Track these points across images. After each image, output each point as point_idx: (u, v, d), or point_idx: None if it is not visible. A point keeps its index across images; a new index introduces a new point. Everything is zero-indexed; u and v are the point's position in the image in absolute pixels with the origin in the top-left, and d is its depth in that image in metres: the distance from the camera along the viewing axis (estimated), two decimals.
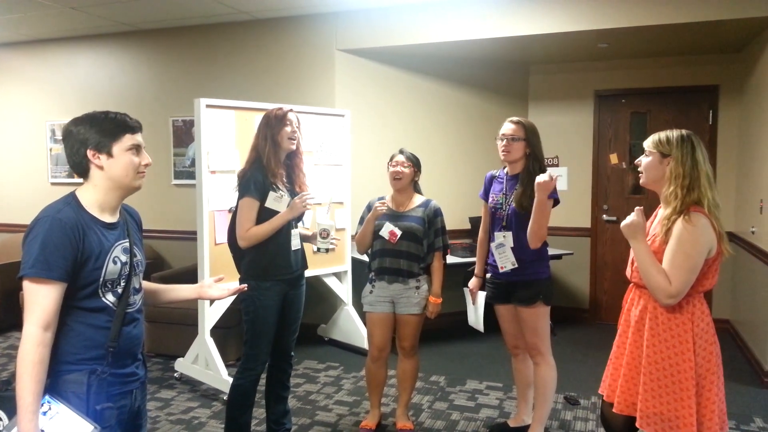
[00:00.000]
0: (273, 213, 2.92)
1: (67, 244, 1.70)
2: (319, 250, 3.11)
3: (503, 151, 3.04)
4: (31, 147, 6.05)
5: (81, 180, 1.85)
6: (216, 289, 2.16)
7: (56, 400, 1.69)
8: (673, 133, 2.20)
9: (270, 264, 2.96)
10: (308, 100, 4.92)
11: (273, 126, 2.96)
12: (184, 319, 4.51)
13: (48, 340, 1.66)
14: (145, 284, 2.04)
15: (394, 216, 3.22)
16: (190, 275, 4.46)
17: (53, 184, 5.97)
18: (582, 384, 4.08)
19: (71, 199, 1.80)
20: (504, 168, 3.16)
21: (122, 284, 1.84)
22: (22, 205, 5.99)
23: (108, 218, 1.85)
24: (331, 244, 3.08)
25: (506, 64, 5.62)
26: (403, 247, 3.20)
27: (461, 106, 5.49)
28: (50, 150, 5.96)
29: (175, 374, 4.27)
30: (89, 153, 1.79)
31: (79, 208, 1.79)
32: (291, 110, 3.03)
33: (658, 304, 2.15)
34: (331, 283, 4.69)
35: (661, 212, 2.24)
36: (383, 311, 3.25)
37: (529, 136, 3.00)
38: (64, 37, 5.83)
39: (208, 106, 3.89)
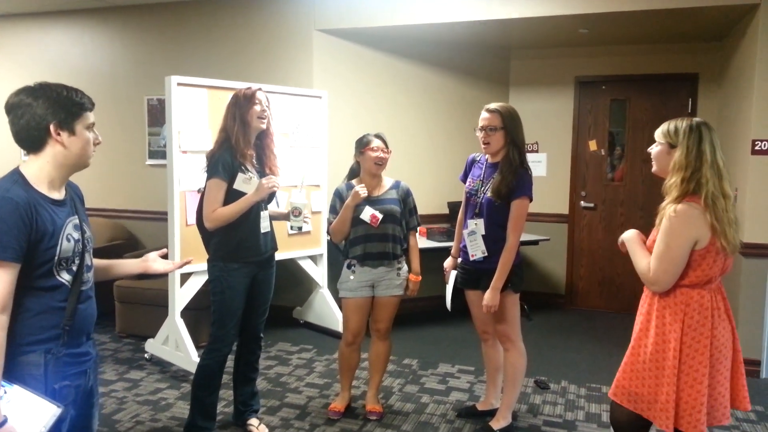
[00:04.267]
0: (241, 195, 2.86)
1: (20, 224, 1.64)
2: (291, 228, 3.11)
3: (483, 143, 2.97)
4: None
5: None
6: (160, 263, 2.10)
7: (10, 383, 1.64)
8: (683, 123, 2.13)
9: (238, 246, 2.92)
10: (285, 81, 4.84)
11: (242, 105, 2.90)
12: (156, 299, 4.45)
13: (4, 323, 1.62)
14: (93, 261, 2.00)
15: (369, 201, 3.18)
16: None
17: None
18: (554, 369, 4.10)
19: (18, 177, 1.73)
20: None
21: (77, 262, 1.79)
22: None
23: (56, 195, 1.79)
24: (304, 222, 3.04)
25: (487, 49, 5.57)
26: (388, 230, 3.18)
27: (441, 90, 5.44)
28: None
29: (146, 355, 4.23)
30: (52, 128, 1.72)
31: (28, 186, 1.72)
32: (260, 89, 2.97)
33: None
34: (307, 266, 4.65)
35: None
36: (363, 296, 3.22)
37: (508, 123, 2.93)
38: (35, 12, 5.67)
39: (179, 84, 3.80)
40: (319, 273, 4.73)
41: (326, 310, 4.73)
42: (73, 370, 1.79)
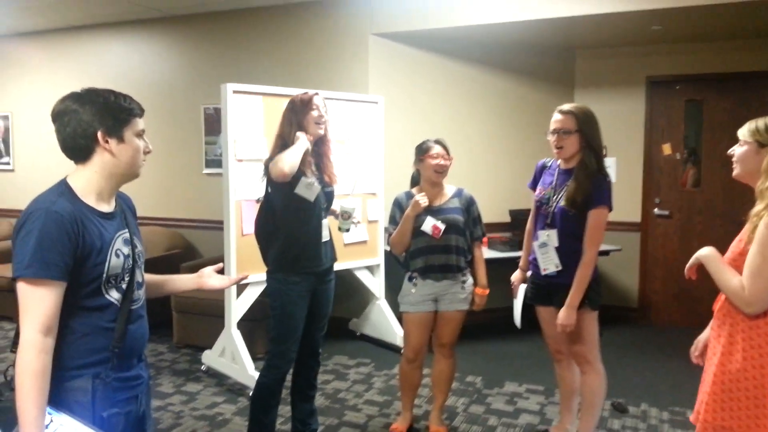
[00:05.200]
0: (302, 200, 2.75)
1: (65, 240, 1.53)
2: (339, 229, 3.05)
3: (555, 147, 2.73)
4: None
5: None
6: (215, 278, 1.98)
7: (58, 411, 1.52)
8: None
9: (299, 256, 2.80)
10: (340, 86, 4.73)
11: (298, 111, 2.80)
12: (213, 310, 4.39)
13: (49, 346, 1.50)
14: (145, 276, 1.89)
15: (430, 211, 3.00)
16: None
17: None
18: (631, 390, 3.80)
19: (64, 189, 1.63)
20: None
21: (126, 279, 1.68)
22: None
23: (105, 207, 1.68)
24: (353, 224, 3.03)
25: (550, 49, 5.31)
26: (451, 242, 2.98)
27: (501, 94, 5.21)
28: None
29: (202, 367, 4.16)
30: (100, 135, 1.62)
31: (74, 198, 1.62)
32: (317, 94, 2.86)
33: (740, 310, 1.88)
34: (363, 276, 4.50)
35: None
36: (425, 311, 3.03)
37: (583, 126, 2.70)
38: (96, 24, 5.76)
39: (235, 92, 3.74)
40: (376, 284, 4.57)
41: (384, 322, 4.57)
42: (123, 395, 1.67)
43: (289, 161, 2.65)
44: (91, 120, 1.62)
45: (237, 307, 3.90)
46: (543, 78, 5.33)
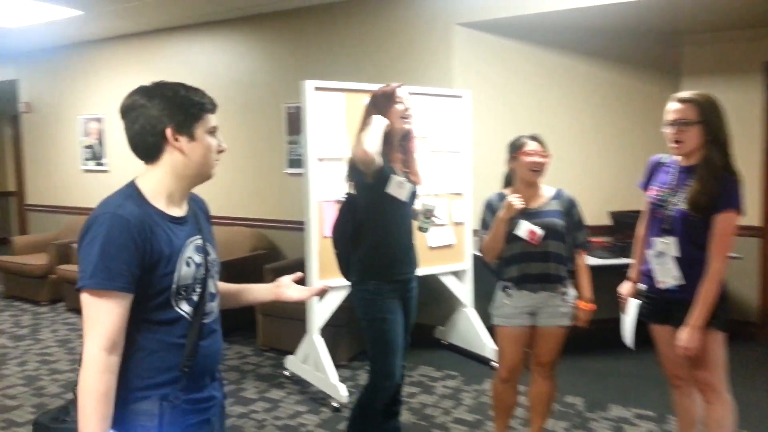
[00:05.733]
0: (392, 200, 2.59)
1: (131, 247, 1.40)
2: (420, 229, 2.88)
3: (673, 141, 2.37)
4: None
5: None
6: (294, 289, 1.81)
7: None
8: None
9: (392, 261, 2.64)
10: (424, 80, 4.50)
11: (381, 105, 2.62)
12: (297, 313, 4.26)
13: (114, 364, 1.39)
14: (220, 285, 1.74)
15: (526, 214, 2.72)
16: (302, 267, 4.24)
17: None
18: (761, 419, 3.34)
19: (132, 191, 1.51)
20: None
21: (197, 290, 1.54)
22: None
23: (176, 211, 1.55)
24: (433, 223, 2.88)
25: (654, 34, 4.84)
26: (550, 248, 2.69)
27: (599, 84, 4.80)
28: None
29: (286, 372, 4.07)
30: (169, 132, 1.49)
31: (143, 201, 1.49)
32: (400, 86, 2.67)
33: None
34: (450, 282, 4.26)
35: None
36: (521, 325, 2.74)
37: (707, 116, 2.32)
38: (182, 25, 5.84)
39: (316, 88, 3.60)
40: (463, 291, 4.31)
41: (472, 332, 4.30)
42: (194, 419, 1.52)
43: (369, 140, 2.50)
44: (160, 116, 1.49)
45: (319, 313, 3.77)
46: (647, 66, 4.87)
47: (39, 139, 7.35)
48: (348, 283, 2.78)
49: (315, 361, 3.78)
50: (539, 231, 2.66)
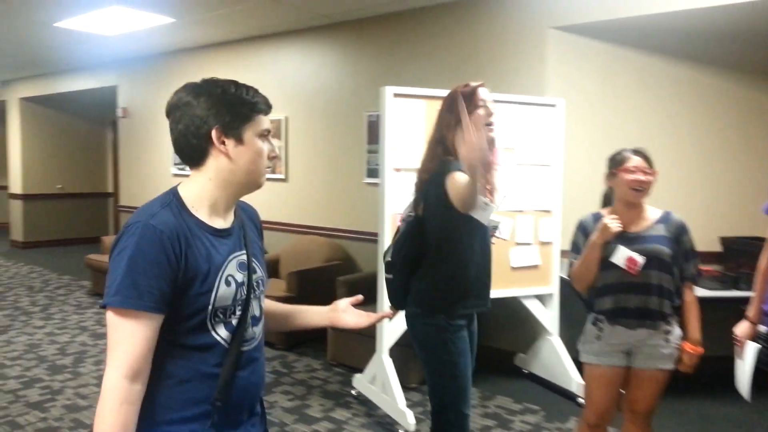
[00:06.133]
0: (473, 223, 2.20)
1: (162, 261, 1.24)
2: None
3: None
4: None
5: (280, 176, 1.39)
6: (351, 315, 1.60)
7: None
8: None
9: (467, 293, 2.27)
10: (513, 88, 4.20)
11: (462, 103, 2.26)
12: (368, 330, 4.06)
13: (136, 394, 1.22)
14: (267, 305, 1.56)
15: (625, 238, 2.37)
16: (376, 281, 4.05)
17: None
18: None
19: (171, 198, 1.34)
20: None
21: (238, 313, 1.36)
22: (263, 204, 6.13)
23: (219, 223, 1.37)
24: (495, 237, 2.51)
25: None
26: (652, 279, 2.33)
27: (707, 94, 4.30)
28: None
29: (353, 391, 3.88)
30: (214, 134, 1.32)
31: (182, 210, 1.32)
32: (482, 85, 2.33)
33: None
34: (533, 306, 3.91)
35: None
36: (614, 365, 2.40)
37: None
38: (267, 34, 5.85)
39: (396, 95, 3.40)
40: (548, 317, 3.95)
41: (557, 363, 3.92)
42: None
43: (476, 196, 2.11)
44: (206, 115, 1.32)
45: (389, 332, 3.56)
46: (764, 74, 4.32)
47: (133, 143, 7.63)
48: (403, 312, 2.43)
49: (383, 382, 3.56)
50: (640, 259, 2.31)
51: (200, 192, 1.36)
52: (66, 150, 9.83)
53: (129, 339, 1.22)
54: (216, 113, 1.32)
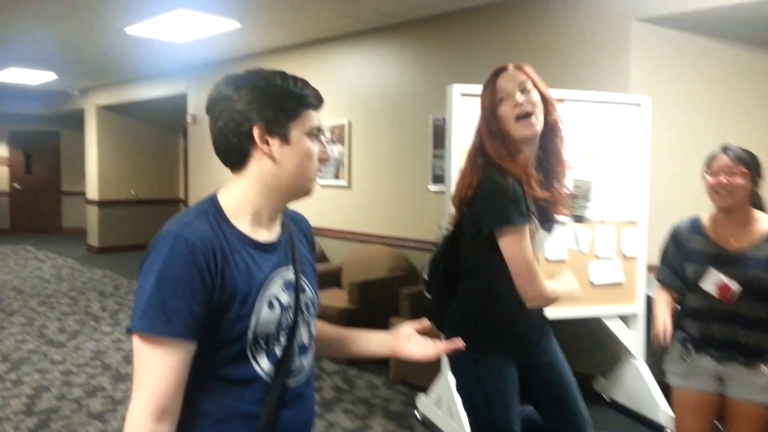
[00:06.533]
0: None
1: (195, 280, 1.06)
2: (575, 218, 2.31)
3: None
4: None
5: (343, 182, 1.20)
6: (415, 344, 1.37)
7: None
8: None
9: (505, 328, 1.91)
10: (593, 85, 3.85)
11: (483, 105, 1.88)
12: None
13: None
14: (320, 328, 1.36)
15: (719, 257, 2.03)
16: None
17: (321, 186, 5.89)
18: None
19: (209, 206, 1.17)
20: None
21: (283, 341, 1.17)
22: (294, 207, 6.04)
23: (263, 235, 1.19)
24: (585, 207, 2.31)
25: None
26: (748, 311, 1.99)
27: None
28: None
29: (416, 413, 3.64)
30: (256, 132, 1.14)
31: (220, 220, 1.14)
32: (505, 69, 1.88)
33: None
34: (616, 327, 3.54)
35: None
36: (704, 390, 2.09)
37: None
38: (330, 37, 5.72)
39: (463, 94, 3.16)
40: (632, 339, 3.56)
41: (642, 389, 3.53)
42: None
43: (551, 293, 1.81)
44: (247, 111, 1.14)
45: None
46: None
47: (201, 149, 7.70)
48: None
49: (449, 405, 3.30)
50: (734, 287, 1.97)
51: (241, 199, 1.18)
52: (139, 157, 10.11)
53: (156, 370, 1.05)
54: (258, 108, 1.14)
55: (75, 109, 10.22)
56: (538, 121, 1.81)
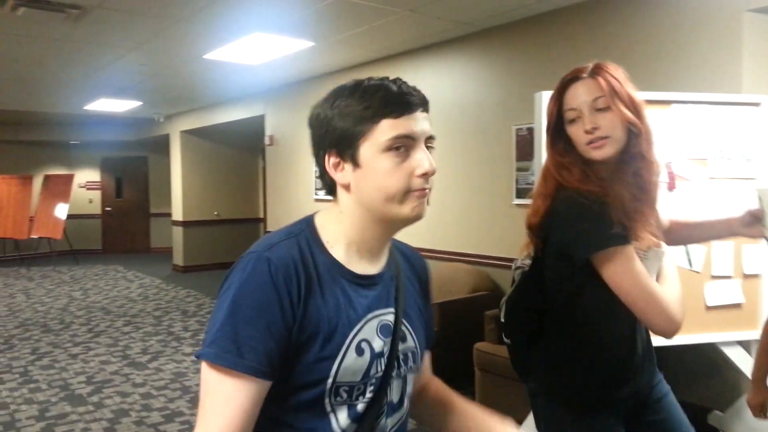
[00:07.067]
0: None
1: (274, 309, 0.92)
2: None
3: None
4: None
5: None
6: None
7: None
8: None
9: (605, 380, 1.58)
10: (699, 85, 3.48)
11: (550, 119, 1.63)
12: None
13: None
14: (432, 388, 1.21)
15: None
16: None
17: None
18: None
19: (303, 227, 1.03)
20: None
21: (369, 394, 0.99)
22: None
23: (363, 267, 1.03)
24: None
25: None
26: None
27: None
28: None
29: None
30: (328, 160, 1.00)
31: (313, 245, 1.00)
32: (578, 77, 1.60)
33: None
34: (735, 355, 3.11)
35: None
36: None
37: None
38: (405, 51, 5.58)
39: None
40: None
41: (766, 426, 3.10)
42: None
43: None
44: (321, 135, 1.00)
45: None
46: None
47: (279, 170, 7.74)
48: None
49: None
50: None
51: (335, 226, 1.03)
52: (221, 178, 10.36)
53: (222, 406, 0.91)
54: (327, 131, 0.99)
55: (161, 134, 10.63)
56: (615, 142, 1.51)
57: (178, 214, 10.26)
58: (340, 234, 1.03)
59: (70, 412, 3.96)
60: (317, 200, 6.88)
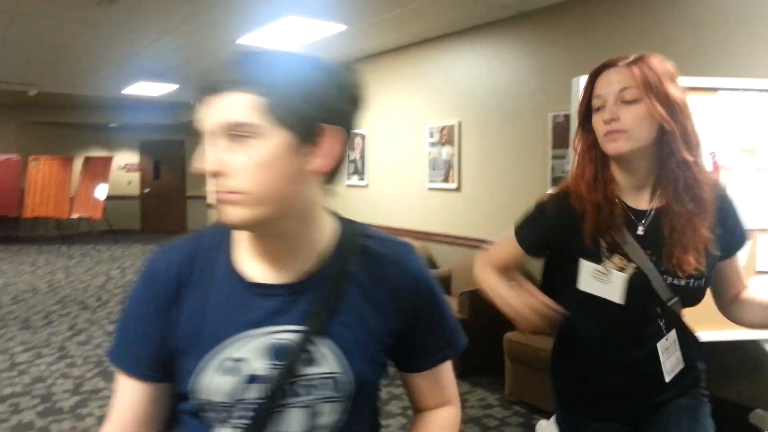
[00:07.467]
0: (590, 298, 1.49)
1: (149, 312, 0.93)
2: None
3: None
4: (413, 151, 5.90)
5: (452, 185, 1.01)
6: None
7: None
8: None
9: (587, 395, 1.55)
10: (744, 71, 3.32)
11: (579, 108, 1.52)
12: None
13: None
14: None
15: None
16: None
17: (430, 189, 5.66)
18: None
19: (218, 230, 0.99)
20: None
21: (244, 420, 0.89)
22: (403, 210, 5.87)
23: (264, 274, 0.93)
24: None
25: None
26: None
27: None
28: (429, 154, 5.68)
29: None
30: None
31: (222, 243, 0.96)
32: (607, 66, 1.45)
33: None
34: None
35: None
36: None
37: None
38: (438, 35, 5.48)
39: None
40: None
41: None
42: None
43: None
44: None
45: None
46: None
47: None
48: None
49: None
50: None
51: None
52: None
53: (116, 401, 0.96)
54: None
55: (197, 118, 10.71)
56: (633, 139, 1.39)
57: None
58: (243, 234, 0.95)
59: (103, 388, 4.06)
60: (350, 186, 6.86)
